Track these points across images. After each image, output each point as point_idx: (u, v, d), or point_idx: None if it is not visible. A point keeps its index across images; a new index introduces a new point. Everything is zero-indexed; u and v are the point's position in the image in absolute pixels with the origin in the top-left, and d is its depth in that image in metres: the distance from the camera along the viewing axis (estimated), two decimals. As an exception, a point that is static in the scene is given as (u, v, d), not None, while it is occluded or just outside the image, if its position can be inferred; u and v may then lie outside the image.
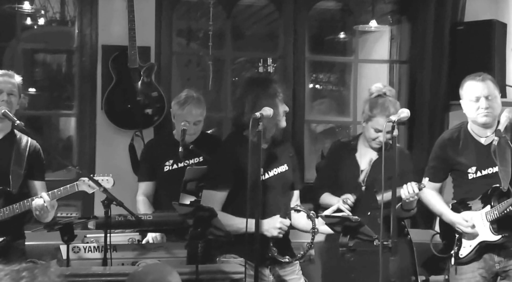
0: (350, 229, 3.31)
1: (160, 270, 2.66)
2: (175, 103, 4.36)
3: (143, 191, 4.39)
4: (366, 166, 4.01)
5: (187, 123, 4.27)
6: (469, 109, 3.92)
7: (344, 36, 6.19)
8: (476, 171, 3.92)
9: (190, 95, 4.34)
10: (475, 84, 3.89)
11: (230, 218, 3.47)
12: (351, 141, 4.16)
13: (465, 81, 3.95)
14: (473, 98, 3.88)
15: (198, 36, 5.77)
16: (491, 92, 3.89)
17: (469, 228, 3.87)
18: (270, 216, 3.52)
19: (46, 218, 3.79)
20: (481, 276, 3.89)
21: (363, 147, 4.06)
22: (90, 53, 5.10)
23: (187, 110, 4.28)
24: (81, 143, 5.15)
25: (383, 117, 3.87)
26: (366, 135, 4.01)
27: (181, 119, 4.29)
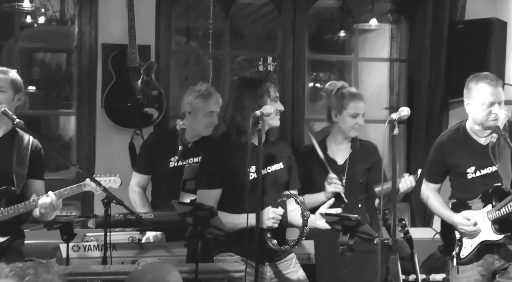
0: (350, 228, 3.31)
1: (159, 269, 2.66)
2: (197, 96, 4.30)
3: (137, 182, 4.37)
4: (344, 161, 4.12)
5: (185, 123, 4.27)
6: (477, 111, 3.86)
7: (344, 34, 6.19)
8: (475, 171, 3.91)
9: (209, 87, 4.38)
10: (491, 89, 3.83)
11: (225, 216, 3.47)
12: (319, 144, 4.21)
13: (477, 83, 3.86)
14: (486, 103, 3.82)
15: (198, 34, 5.77)
16: (502, 98, 3.87)
17: (471, 227, 3.86)
18: None
19: (49, 217, 3.79)
20: (480, 274, 3.89)
21: (334, 145, 4.18)
22: (89, 52, 5.09)
23: (214, 100, 4.31)
24: (80, 142, 5.14)
25: (355, 101, 4.09)
26: (343, 127, 4.11)
27: (206, 111, 4.28)
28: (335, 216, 3.42)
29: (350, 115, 4.08)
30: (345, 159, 4.14)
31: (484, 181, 3.86)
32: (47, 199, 3.70)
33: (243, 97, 3.52)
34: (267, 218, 3.47)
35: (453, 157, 3.98)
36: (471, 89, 3.89)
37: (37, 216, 3.80)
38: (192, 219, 3.35)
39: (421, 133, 5.55)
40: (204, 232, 3.36)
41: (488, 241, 3.85)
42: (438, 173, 4.07)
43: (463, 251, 3.91)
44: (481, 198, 3.87)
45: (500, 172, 3.79)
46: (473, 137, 3.96)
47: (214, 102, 4.32)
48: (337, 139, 4.19)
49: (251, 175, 3.44)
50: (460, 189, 3.98)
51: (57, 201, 3.71)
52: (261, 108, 3.39)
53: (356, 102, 4.10)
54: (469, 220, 3.86)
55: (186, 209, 3.40)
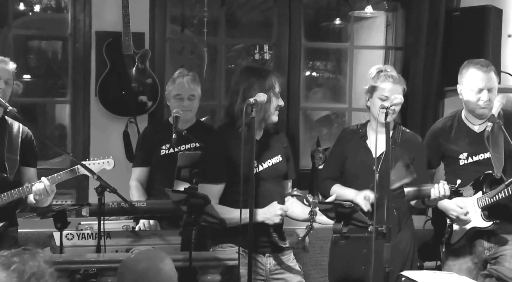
0: (344, 216, 3.31)
1: (152, 258, 2.66)
2: (169, 82, 4.43)
3: (136, 176, 4.40)
4: (380, 153, 3.73)
5: (179, 110, 4.26)
6: (467, 98, 3.88)
7: (339, 22, 6.16)
8: (468, 157, 3.92)
9: (184, 72, 4.41)
10: (480, 75, 3.83)
11: (229, 211, 3.45)
12: (359, 129, 4.01)
13: (468, 68, 3.88)
14: (475, 89, 3.83)
15: (193, 22, 5.74)
16: (493, 84, 3.86)
17: (463, 215, 3.87)
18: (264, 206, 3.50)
19: (44, 203, 3.81)
20: (472, 262, 3.91)
21: (372, 134, 3.87)
22: (83, 40, 5.06)
23: (179, 83, 4.33)
24: (75, 130, 5.13)
25: (387, 82, 3.81)
26: (374, 111, 3.76)
27: (174, 94, 4.32)
28: (328, 204, 3.42)
29: (379, 98, 3.81)
30: (382, 152, 3.68)
31: (476, 167, 3.88)
32: (40, 184, 3.70)
33: (253, 88, 3.45)
34: (274, 215, 3.46)
35: (446, 143, 3.99)
36: (463, 75, 3.91)
37: (33, 203, 3.81)
38: (187, 207, 3.35)
39: (417, 121, 5.53)
40: (199, 219, 3.36)
41: (477, 227, 3.87)
42: (431, 159, 4.08)
43: (453, 237, 3.93)
44: (472, 185, 3.89)
45: (493, 160, 3.79)
46: (467, 125, 3.97)
47: (179, 85, 4.34)
48: (373, 126, 3.86)
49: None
50: (452, 176, 3.99)
51: (50, 186, 3.71)
52: (255, 96, 3.37)
53: (388, 83, 3.81)
54: (461, 208, 3.87)
55: (181, 197, 3.40)
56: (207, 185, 3.54)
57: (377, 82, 3.85)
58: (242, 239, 3.35)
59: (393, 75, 3.85)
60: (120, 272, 2.63)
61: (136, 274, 2.57)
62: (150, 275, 2.57)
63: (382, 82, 3.83)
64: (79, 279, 3.67)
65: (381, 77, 3.85)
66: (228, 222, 3.39)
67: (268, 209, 3.47)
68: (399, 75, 3.90)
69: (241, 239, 3.35)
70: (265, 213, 3.46)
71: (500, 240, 3.87)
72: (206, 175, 3.58)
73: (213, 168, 3.55)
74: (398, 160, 3.69)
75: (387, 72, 3.86)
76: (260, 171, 3.54)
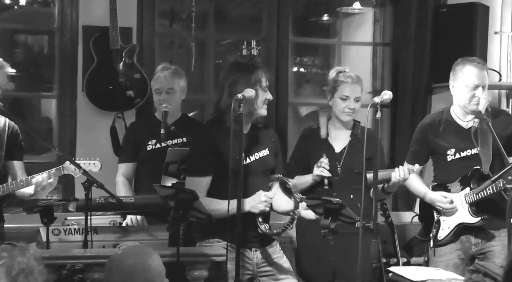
0: (332, 211, 3.31)
1: (139, 253, 2.65)
2: (153, 78, 4.42)
3: (123, 172, 4.39)
4: (341, 149, 4.04)
5: (168, 105, 4.25)
6: (461, 94, 3.90)
7: (327, 18, 6.17)
8: (455, 153, 3.95)
9: (166, 66, 4.41)
10: (476, 72, 3.86)
11: (217, 203, 3.46)
12: (320, 127, 4.16)
13: (464, 65, 3.91)
14: (471, 86, 3.86)
15: (181, 17, 5.71)
16: (487, 82, 3.90)
17: (448, 204, 3.90)
18: None
19: (43, 195, 3.82)
20: (459, 258, 3.93)
21: (333, 130, 4.11)
22: (70, 34, 5.03)
23: (158, 77, 4.35)
24: (61, 125, 5.09)
25: (347, 83, 4.02)
26: (336, 110, 4.05)
27: (154, 88, 4.34)
28: (316, 200, 3.43)
29: (340, 98, 4.02)
30: (343, 147, 4.06)
31: (463, 163, 3.91)
32: (39, 177, 3.70)
33: (237, 83, 3.48)
34: (259, 202, 3.46)
35: (435, 139, 4.02)
36: (457, 72, 3.93)
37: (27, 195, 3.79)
38: (174, 202, 3.34)
39: (406, 117, 5.55)
40: (187, 215, 3.35)
41: (465, 223, 3.90)
42: (420, 154, 4.11)
43: (440, 233, 3.96)
44: (460, 181, 3.91)
45: (481, 156, 3.82)
46: (456, 121, 3.99)
47: (157, 80, 4.34)
48: (335, 124, 4.12)
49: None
50: (440, 171, 4.03)
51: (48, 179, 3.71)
52: (243, 91, 3.37)
53: (347, 84, 4.02)
54: (446, 198, 3.90)
55: (168, 192, 3.39)
56: (194, 178, 3.55)
57: (337, 83, 4.04)
58: (229, 233, 3.34)
59: (351, 75, 4.06)
60: (108, 267, 2.62)
61: (124, 270, 2.56)
62: (138, 271, 2.56)
63: (342, 82, 4.03)
64: (65, 274, 3.65)
65: (340, 77, 4.04)
66: (215, 213, 3.38)
67: (253, 198, 3.48)
68: (357, 76, 4.10)
69: (229, 233, 3.35)
70: (250, 201, 3.47)
71: (487, 235, 3.90)
72: (193, 168, 3.59)
73: (200, 161, 3.56)
74: (358, 154, 3.84)
75: (346, 73, 4.06)
76: (247, 164, 3.55)
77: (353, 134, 4.06)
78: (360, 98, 4.04)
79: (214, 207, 3.42)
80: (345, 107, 4.01)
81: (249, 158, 3.58)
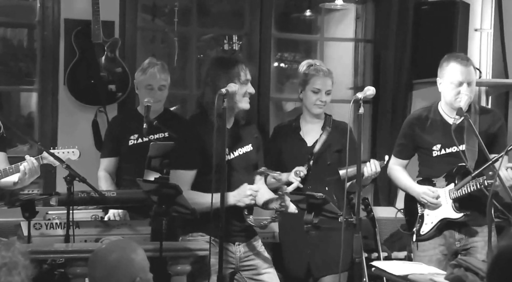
0: (315, 206, 3.33)
1: (123, 248, 2.64)
2: (138, 71, 4.42)
3: (105, 167, 4.38)
4: (313, 142, 4.08)
5: (150, 99, 4.24)
6: (447, 90, 3.92)
7: (310, 14, 6.18)
8: (441, 149, 3.97)
9: (153, 61, 4.39)
10: (461, 68, 3.87)
11: (201, 196, 3.46)
12: (292, 123, 4.22)
13: (449, 62, 3.92)
14: (456, 82, 3.87)
15: (164, 12, 5.69)
16: (473, 78, 3.91)
17: (434, 199, 3.92)
18: None
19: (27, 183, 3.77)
20: (442, 253, 3.96)
21: (305, 124, 4.15)
22: (52, 27, 4.98)
23: (150, 74, 4.32)
24: (43, 119, 5.06)
25: (318, 76, 4.06)
26: (307, 103, 4.10)
27: (145, 84, 4.30)
28: (300, 195, 3.44)
29: (311, 91, 4.06)
30: (315, 140, 4.10)
31: (449, 159, 3.93)
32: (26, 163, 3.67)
33: (217, 77, 3.50)
34: (244, 196, 3.47)
35: (421, 134, 4.04)
36: (443, 68, 3.95)
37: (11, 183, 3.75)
38: (158, 197, 3.33)
39: (387, 113, 5.59)
40: (170, 210, 3.35)
41: (448, 219, 3.92)
42: (406, 149, 4.14)
43: (424, 227, 3.99)
44: (445, 177, 3.94)
45: (466, 153, 3.84)
46: (443, 117, 4.02)
47: (150, 75, 4.33)
48: (306, 118, 4.17)
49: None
50: (425, 166, 4.06)
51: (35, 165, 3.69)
52: (227, 86, 3.38)
53: (318, 77, 4.07)
54: (433, 192, 3.93)
55: (151, 187, 3.39)
56: (179, 171, 3.56)
57: (308, 76, 4.08)
58: (212, 227, 3.35)
59: (322, 68, 4.10)
60: (92, 262, 2.61)
61: (108, 264, 2.56)
62: (122, 265, 2.56)
63: (313, 75, 4.07)
64: (46, 269, 3.64)
65: (311, 71, 4.08)
66: (199, 207, 3.38)
67: (238, 192, 3.49)
68: (328, 69, 4.14)
69: (212, 228, 3.35)
70: (235, 195, 3.48)
71: (470, 231, 3.92)
72: (178, 161, 3.59)
73: (185, 154, 3.58)
74: (330, 146, 4.04)
75: (317, 66, 4.11)
76: (231, 159, 3.56)
77: (324, 127, 4.10)
78: (331, 91, 4.10)
79: (198, 201, 3.43)
80: (317, 100, 4.07)
81: (232, 154, 3.60)
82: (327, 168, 4.04)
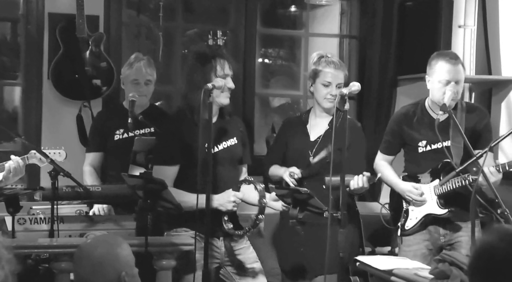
0: (300, 201, 3.34)
1: (109, 243, 2.64)
2: (125, 66, 4.41)
3: (90, 161, 4.37)
4: (316, 137, 3.98)
5: (135, 94, 4.24)
6: (435, 88, 3.93)
7: (295, 9, 6.18)
8: (426, 145, 3.99)
9: (139, 56, 4.38)
10: (449, 67, 3.87)
11: (184, 195, 3.46)
12: (302, 116, 4.13)
13: (438, 60, 3.91)
14: (444, 81, 3.88)
15: (149, 7, 5.67)
16: (461, 77, 3.91)
17: (418, 196, 3.94)
18: (220, 189, 3.53)
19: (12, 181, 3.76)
20: (427, 248, 3.99)
21: (313, 118, 4.02)
22: (36, 21, 4.96)
23: (137, 68, 4.31)
24: (27, 113, 5.03)
25: (329, 69, 3.89)
26: (317, 97, 3.94)
27: (131, 79, 4.29)
28: (285, 190, 3.45)
29: (322, 84, 3.90)
30: (319, 136, 3.96)
31: (434, 156, 3.95)
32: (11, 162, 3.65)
33: (194, 72, 3.50)
34: (227, 201, 3.47)
35: (407, 130, 4.06)
36: (432, 66, 3.95)
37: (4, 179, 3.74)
38: (143, 192, 3.33)
39: (371, 109, 5.61)
40: (155, 205, 3.35)
41: (432, 214, 3.95)
42: (392, 145, 4.15)
43: (408, 222, 4.01)
44: (430, 173, 3.97)
45: (452, 149, 3.87)
46: (430, 113, 4.03)
47: (136, 70, 4.32)
48: (315, 111, 4.02)
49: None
50: (411, 162, 4.08)
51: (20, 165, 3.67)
52: (213, 81, 3.38)
53: (329, 70, 3.89)
54: (416, 189, 3.94)
55: (137, 182, 3.38)
56: (161, 167, 3.56)
57: (319, 68, 3.92)
58: (198, 223, 3.35)
59: (334, 61, 3.93)
60: (77, 257, 2.61)
61: (93, 259, 2.55)
62: (108, 260, 2.56)
63: (324, 68, 3.91)
64: (30, 264, 3.62)
65: (322, 63, 3.92)
66: (184, 205, 3.38)
67: (222, 196, 3.49)
68: (340, 61, 3.98)
69: (197, 223, 3.35)
70: (219, 199, 3.48)
71: (455, 227, 3.95)
72: (160, 157, 3.59)
73: (167, 150, 3.57)
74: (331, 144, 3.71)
75: (328, 58, 3.94)
76: (215, 152, 3.55)
77: (331, 122, 3.91)
78: (342, 84, 3.90)
79: (183, 199, 3.42)
80: (327, 94, 3.89)
81: (217, 147, 3.59)
82: (326, 166, 3.67)
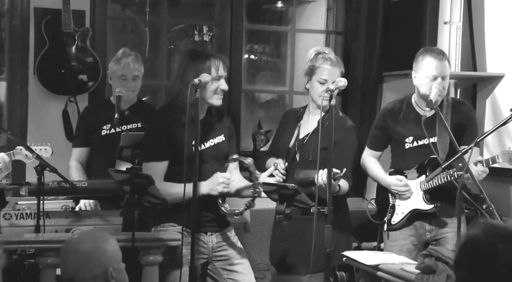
0: (287, 197, 3.35)
1: (95, 238, 2.64)
2: (112, 61, 4.40)
3: (76, 156, 4.36)
4: (304, 135, 3.96)
5: (122, 90, 4.24)
6: (421, 84, 3.94)
7: (281, 5, 6.19)
8: (413, 141, 4.01)
9: (127, 51, 4.37)
10: (436, 63, 3.88)
11: (173, 186, 3.45)
12: (299, 110, 4.10)
13: (424, 56, 3.92)
14: (430, 76, 3.89)
15: (134, 1, 5.65)
16: (447, 73, 3.93)
17: (403, 187, 3.97)
18: None
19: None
20: (413, 244, 4.01)
21: (307, 115, 4.00)
22: (21, 16, 4.93)
23: (124, 64, 4.31)
24: (12, 108, 5.00)
25: (326, 66, 3.84)
26: (312, 94, 3.89)
27: (118, 74, 4.28)
28: (272, 186, 3.45)
29: (318, 81, 3.85)
30: (307, 133, 3.91)
31: (420, 151, 3.97)
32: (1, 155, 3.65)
33: (188, 70, 3.48)
34: (217, 184, 3.47)
35: (394, 126, 4.07)
36: (418, 62, 3.96)
37: None
38: (130, 187, 3.32)
39: (357, 105, 5.62)
40: (141, 200, 3.34)
41: (418, 209, 3.97)
42: (379, 140, 4.17)
43: (394, 217, 4.03)
44: (417, 168, 3.99)
45: (438, 145, 3.89)
46: (416, 109, 4.05)
47: (124, 66, 4.32)
48: (310, 108, 3.98)
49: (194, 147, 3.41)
50: (398, 158, 4.10)
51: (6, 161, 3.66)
52: (199, 76, 3.38)
53: (325, 67, 3.83)
54: (401, 181, 3.97)
55: (123, 177, 3.38)
56: (150, 163, 3.55)
57: (316, 65, 3.87)
58: (184, 218, 3.35)
59: (331, 57, 3.88)
60: (64, 251, 2.60)
61: (80, 254, 2.55)
62: (95, 255, 2.55)
63: (321, 64, 3.86)
64: (16, 259, 3.61)
65: (319, 59, 3.88)
66: (172, 197, 3.38)
67: (210, 180, 3.49)
68: (337, 58, 3.93)
69: (184, 218, 3.35)
70: (208, 184, 3.48)
71: (441, 222, 3.98)
72: (149, 153, 3.59)
73: (155, 146, 3.56)
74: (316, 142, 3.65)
75: (325, 55, 3.89)
76: (202, 150, 3.55)
77: (322, 120, 3.77)
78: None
79: (171, 191, 3.42)
80: (322, 92, 3.73)
81: (204, 144, 3.59)
82: (309, 165, 3.76)
